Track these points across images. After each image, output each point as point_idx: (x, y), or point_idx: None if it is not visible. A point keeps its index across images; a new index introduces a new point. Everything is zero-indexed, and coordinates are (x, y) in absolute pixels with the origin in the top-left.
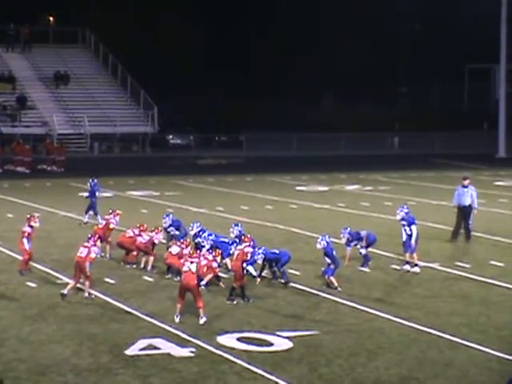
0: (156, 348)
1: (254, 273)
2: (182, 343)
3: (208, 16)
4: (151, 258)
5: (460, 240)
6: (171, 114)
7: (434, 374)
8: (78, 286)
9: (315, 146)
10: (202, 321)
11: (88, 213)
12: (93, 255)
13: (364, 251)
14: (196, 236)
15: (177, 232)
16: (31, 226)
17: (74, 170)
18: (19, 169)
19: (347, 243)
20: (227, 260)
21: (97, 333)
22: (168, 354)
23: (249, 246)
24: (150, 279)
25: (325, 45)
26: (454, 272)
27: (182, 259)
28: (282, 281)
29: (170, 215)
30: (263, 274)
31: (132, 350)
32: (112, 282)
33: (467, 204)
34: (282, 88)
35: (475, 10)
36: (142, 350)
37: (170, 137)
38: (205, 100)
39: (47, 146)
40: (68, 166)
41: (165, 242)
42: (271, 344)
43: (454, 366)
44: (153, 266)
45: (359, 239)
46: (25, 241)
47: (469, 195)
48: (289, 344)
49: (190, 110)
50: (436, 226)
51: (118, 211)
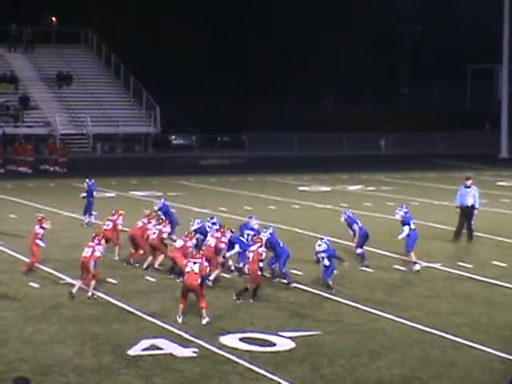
0: (158, 348)
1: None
2: (184, 343)
3: (208, 16)
4: (161, 256)
5: (462, 240)
6: (171, 114)
7: (436, 374)
8: (82, 286)
9: (317, 146)
10: (205, 321)
11: (87, 213)
12: (97, 254)
13: (360, 250)
14: (196, 232)
15: (163, 217)
16: (43, 228)
17: (76, 171)
18: (22, 169)
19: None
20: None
21: (99, 333)
22: (170, 354)
23: (261, 246)
24: (152, 279)
25: (325, 45)
26: (457, 272)
27: (185, 256)
28: (285, 281)
29: (163, 199)
30: (265, 273)
31: (134, 350)
32: (114, 282)
33: (469, 204)
34: (282, 88)
35: (476, 9)
36: (144, 350)
37: (173, 137)
38: (205, 100)
39: (50, 146)
40: (70, 167)
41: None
42: (274, 344)
43: (456, 366)
44: (160, 265)
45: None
46: (40, 242)
47: (471, 195)
48: (291, 344)
49: (191, 110)
50: (438, 226)
51: (120, 211)
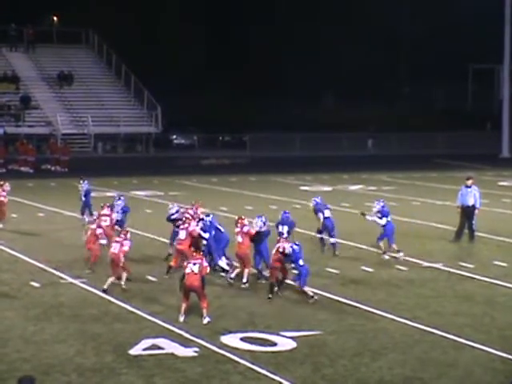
0: (160, 348)
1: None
2: (185, 343)
3: (208, 16)
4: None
5: (464, 240)
6: (173, 113)
7: (437, 375)
8: (115, 281)
9: (318, 146)
10: (206, 321)
11: (85, 213)
12: (126, 248)
13: (333, 240)
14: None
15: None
16: (101, 227)
17: (77, 170)
18: (23, 168)
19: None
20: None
21: (100, 332)
22: (172, 353)
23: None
24: (153, 279)
25: (325, 45)
26: (458, 272)
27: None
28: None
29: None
30: (265, 273)
31: (136, 350)
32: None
33: (470, 204)
34: (282, 88)
35: (477, 9)
36: (145, 349)
37: (174, 137)
38: (206, 100)
39: (51, 145)
40: (72, 166)
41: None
42: (275, 344)
43: (457, 366)
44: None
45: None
46: (102, 241)
47: (472, 195)
48: (292, 344)
49: (192, 110)
50: (440, 226)
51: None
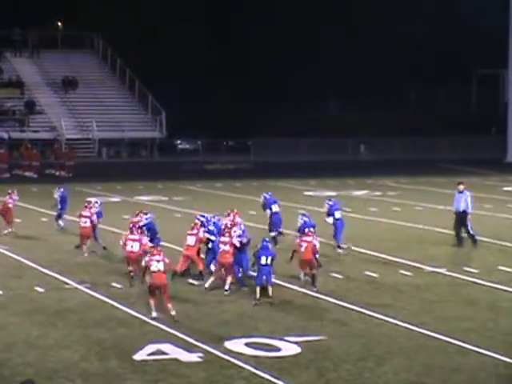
0: (164, 353)
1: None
2: (189, 348)
3: (208, 16)
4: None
5: (467, 245)
6: (177, 118)
7: (442, 380)
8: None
9: (322, 150)
10: (174, 313)
11: (60, 219)
12: (145, 242)
13: (272, 234)
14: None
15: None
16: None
17: (82, 175)
18: (27, 174)
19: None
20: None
21: (105, 338)
22: (176, 359)
23: (314, 238)
24: None
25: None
26: (462, 277)
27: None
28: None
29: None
30: (274, 280)
31: (140, 355)
32: (119, 286)
33: (461, 209)
34: (286, 92)
35: (482, 13)
36: (150, 354)
37: (178, 142)
38: (210, 104)
39: (56, 150)
40: (76, 171)
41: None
42: (279, 349)
43: (462, 371)
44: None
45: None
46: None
47: (463, 200)
48: (297, 349)
49: (196, 115)
50: (443, 231)
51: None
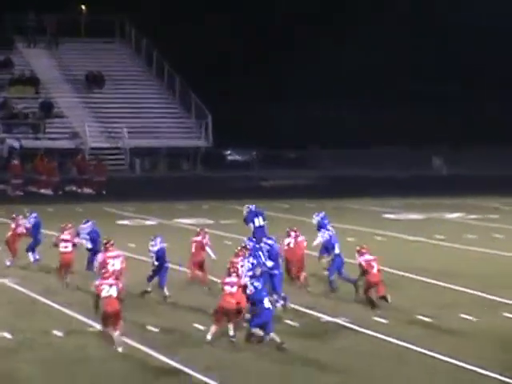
0: None
1: None
2: None
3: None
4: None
5: None
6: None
7: None
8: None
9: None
10: (121, 349)
11: (30, 251)
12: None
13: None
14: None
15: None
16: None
17: (110, 193)
18: (43, 191)
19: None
20: None
21: None
22: None
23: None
24: (201, 327)
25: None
26: None
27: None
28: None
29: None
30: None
31: None
32: (155, 330)
33: None
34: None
35: None
36: None
37: (228, 152)
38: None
39: (78, 162)
40: (103, 188)
41: None
42: None
43: None
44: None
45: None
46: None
47: None
48: None
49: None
50: None
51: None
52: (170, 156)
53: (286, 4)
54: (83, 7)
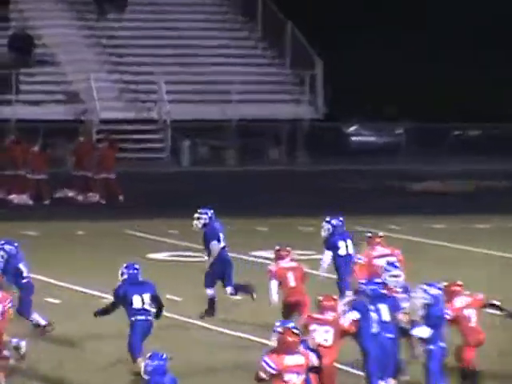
0: None
1: None
2: None
3: None
4: None
5: None
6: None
7: None
8: None
9: None
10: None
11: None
12: None
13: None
14: None
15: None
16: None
17: (133, 202)
18: (16, 199)
19: None
20: None
21: None
22: None
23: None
24: None
25: None
26: None
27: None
28: None
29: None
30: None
31: None
32: None
33: None
34: None
35: None
36: None
37: (352, 128)
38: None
39: (77, 148)
40: (118, 193)
41: None
42: None
43: None
44: None
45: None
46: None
47: None
48: None
49: (386, 78)
50: None
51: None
52: (243, 135)
53: None
54: None
